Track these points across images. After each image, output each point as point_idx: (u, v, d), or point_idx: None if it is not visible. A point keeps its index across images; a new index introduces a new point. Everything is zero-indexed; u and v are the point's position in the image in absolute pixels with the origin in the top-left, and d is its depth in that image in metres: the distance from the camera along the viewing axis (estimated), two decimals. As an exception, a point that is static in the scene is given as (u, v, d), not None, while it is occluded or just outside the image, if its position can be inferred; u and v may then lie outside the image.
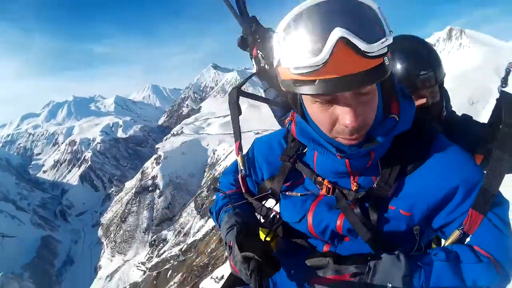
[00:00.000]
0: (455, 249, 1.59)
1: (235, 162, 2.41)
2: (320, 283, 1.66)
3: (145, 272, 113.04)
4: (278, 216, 2.07)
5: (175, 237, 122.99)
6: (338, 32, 1.26)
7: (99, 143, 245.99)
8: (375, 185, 1.68)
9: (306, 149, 1.96)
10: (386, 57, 1.37)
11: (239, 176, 2.29)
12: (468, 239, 1.65)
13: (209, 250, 75.83)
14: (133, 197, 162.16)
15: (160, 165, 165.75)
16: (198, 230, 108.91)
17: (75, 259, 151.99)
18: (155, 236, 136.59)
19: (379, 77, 1.38)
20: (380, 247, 1.63)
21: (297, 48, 1.37)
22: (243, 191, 2.30)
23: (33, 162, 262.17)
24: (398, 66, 2.50)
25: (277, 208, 2.13)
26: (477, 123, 2.61)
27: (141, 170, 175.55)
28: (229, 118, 3.67)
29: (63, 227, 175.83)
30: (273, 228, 2.01)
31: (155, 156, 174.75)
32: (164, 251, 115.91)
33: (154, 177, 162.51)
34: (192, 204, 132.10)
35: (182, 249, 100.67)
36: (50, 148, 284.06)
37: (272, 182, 2.09)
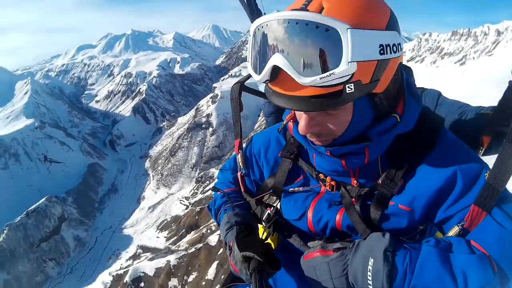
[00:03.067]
0: (450, 239, 1.49)
1: (233, 159, 2.43)
2: (308, 257, 1.69)
3: (187, 207, 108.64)
4: (272, 214, 2.05)
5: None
6: (274, 59, 1.30)
7: (155, 77, 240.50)
8: (380, 181, 1.63)
9: None
10: (349, 85, 1.28)
11: (238, 174, 2.28)
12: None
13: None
14: (185, 133, 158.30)
15: (216, 104, 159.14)
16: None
17: (119, 188, 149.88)
18: (202, 173, 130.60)
19: (331, 105, 1.34)
20: None
21: (251, 59, 1.46)
22: (242, 190, 2.29)
23: (86, 92, 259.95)
24: None
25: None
26: (486, 115, 2.44)
27: (195, 107, 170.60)
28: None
29: (111, 156, 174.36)
30: (267, 226, 1.99)
31: (211, 94, 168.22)
32: (209, 189, 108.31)
33: (208, 115, 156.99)
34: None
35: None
36: (105, 79, 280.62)
37: (274, 179, 2.07)
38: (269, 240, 1.97)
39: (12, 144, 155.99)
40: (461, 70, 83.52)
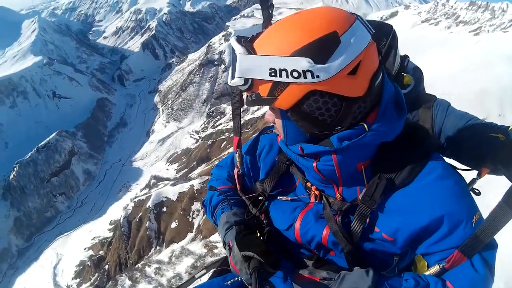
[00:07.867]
0: (428, 280, 1.57)
1: (231, 156, 2.43)
2: (298, 279, 1.81)
3: (197, 140, 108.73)
4: (263, 217, 2.13)
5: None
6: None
7: (166, 14, 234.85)
8: (360, 197, 1.65)
9: None
10: (252, 94, 1.55)
11: (235, 172, 2.29)
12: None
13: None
14: (196, 68, 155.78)
15: (229, 42, 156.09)
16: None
17: (128, 122, 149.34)
18: (213, 108, 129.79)
19: (247, 104, 1.66)
20: (358, 262, 1.67)
21: None
22: (238, 188, 2.29)
23: (93, 29, 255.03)
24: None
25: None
26: (496, 140, 2.42)
27: (207, 44, 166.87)
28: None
29: (119, 91, 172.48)
30: (262, 234, 1.97)
31: (223, 33, 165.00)
32: (220, 124, 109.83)
33: (221, 52, 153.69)
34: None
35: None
36: (113, 15, 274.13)
37: (264, 182, 2.09)
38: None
39: (21, 82, 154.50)
40: (475, 40, 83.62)
